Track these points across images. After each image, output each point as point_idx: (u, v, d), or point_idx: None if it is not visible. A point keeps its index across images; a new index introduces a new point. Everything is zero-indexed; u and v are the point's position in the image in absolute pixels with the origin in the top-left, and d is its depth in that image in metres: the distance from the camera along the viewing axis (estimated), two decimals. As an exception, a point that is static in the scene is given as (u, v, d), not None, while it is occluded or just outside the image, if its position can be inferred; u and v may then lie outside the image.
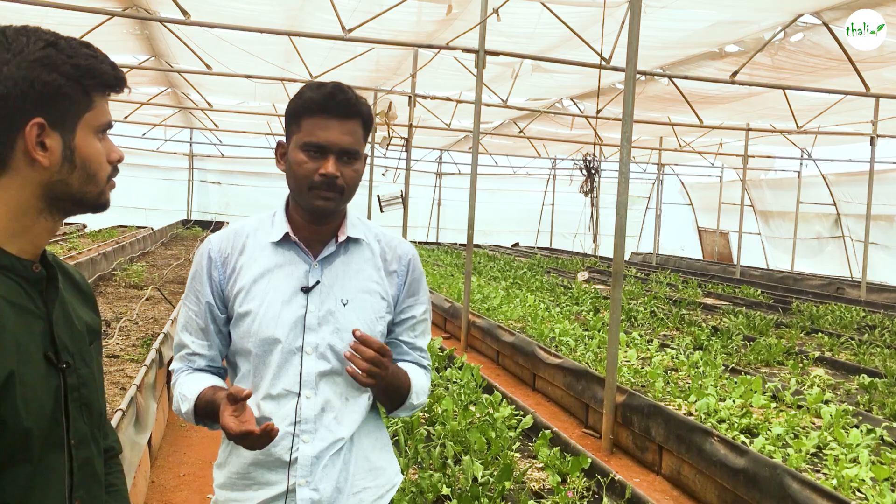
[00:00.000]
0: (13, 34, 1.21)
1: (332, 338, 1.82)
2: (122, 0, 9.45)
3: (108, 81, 1.28)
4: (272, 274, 1.84)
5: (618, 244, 5.89)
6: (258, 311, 1.81)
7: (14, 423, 1.18)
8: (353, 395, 1.86)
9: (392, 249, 1.94)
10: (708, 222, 25.56)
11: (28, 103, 1.19)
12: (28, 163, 1.22)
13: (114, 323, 6.98)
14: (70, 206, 1.29)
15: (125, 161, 1.37)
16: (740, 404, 5.85)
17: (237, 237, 1.90)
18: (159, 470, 5.06)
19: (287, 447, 1.79)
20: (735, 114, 15.45)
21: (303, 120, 1.81)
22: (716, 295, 14.50)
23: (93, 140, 1.27)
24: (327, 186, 1.77)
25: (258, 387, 1.82)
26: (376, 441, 1.93)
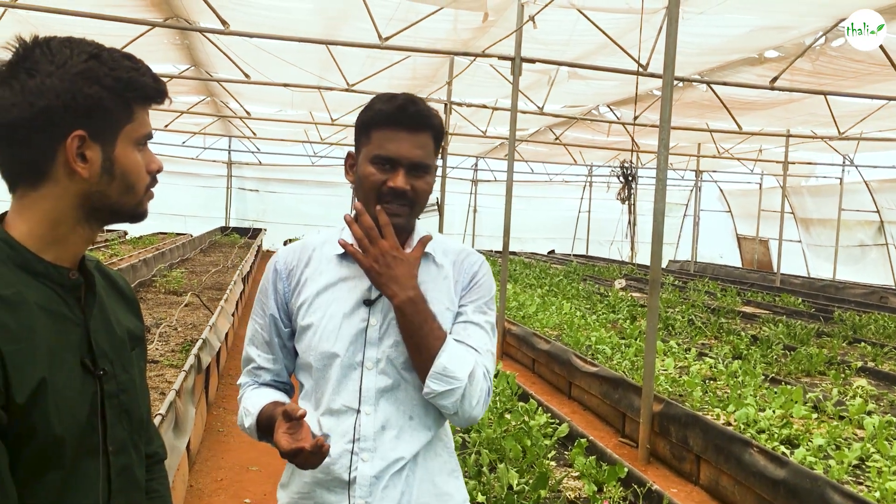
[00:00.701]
0: (57, 46, 1.22)
1: (392, 351, 1.76)
2: (163, 11, 9.62)
3: (149, 94, 1.29)
4: (335, 287, 1.81)
5: (655, 252, 5.84)
6: (319, 324, 1.78)
7: (45, 430, 1.18)
8: (416, 413, 1.78)
9: (460, 262, 1.88)
10: (747, 230, 25.23)
11: (70, 115, 1.20)
12: (68, 174, 1.23)
13: (154, 328, 7.08)
14: (108, 216, 1.30)
15: (165, 169, 1.38)
16: (780, 415, 5.76)
17: (304, 250, 1.88)
18: (197, 474, 5.11)
19: (346, 466, 1.74)
20: (775, 120, 15.24)
21: (373, 132, 1.77)
22: (755, 303, 14.30)
23: (132, 152, 1.28)
24: (396, 199, 1.74)
25: (319, 402, 1.79)
26: (444, 465, 1.85)
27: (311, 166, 25.72)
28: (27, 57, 1.21)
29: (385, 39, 8.82)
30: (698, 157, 21.35)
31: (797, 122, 15.39)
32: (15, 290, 1.19)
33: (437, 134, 1.80)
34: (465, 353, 1.76)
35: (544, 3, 8.19)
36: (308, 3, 9.14)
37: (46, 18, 8.96)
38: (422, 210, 1.81)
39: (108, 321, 1.36)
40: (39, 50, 1.22)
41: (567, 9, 8.58)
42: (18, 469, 1.17)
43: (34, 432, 1.17)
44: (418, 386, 1.76)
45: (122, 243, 17.08)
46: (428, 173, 1.78)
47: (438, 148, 1.83)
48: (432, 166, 1.79)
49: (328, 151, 24.70)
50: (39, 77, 1.19)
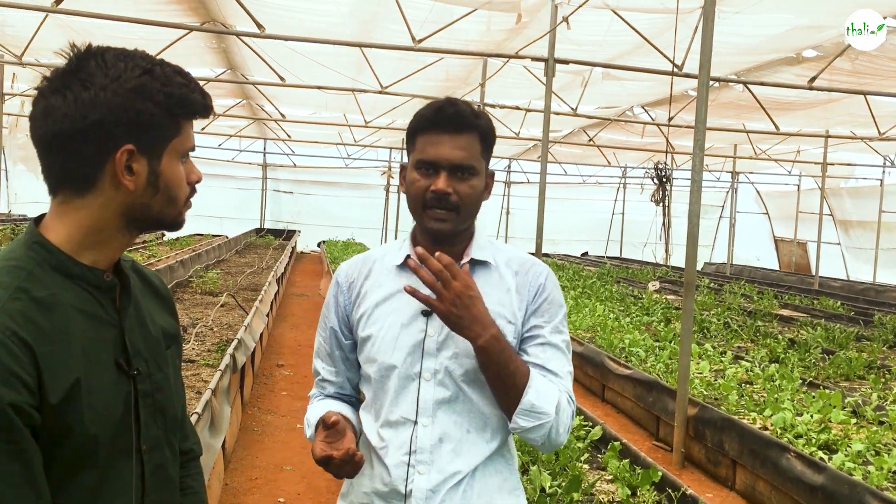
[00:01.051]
0: (112, 59, 1.24)
1: (450, 363, 1.72)
2: (200, 15, 9.74)
3: (197, 110, 1.31)
4: (394, 298, 1.78)
5: (690, 254, 5.79)
6: (377, 336, 1.77)
7: (79, 430, 1.20)
8: (475, 427, 1.74)
9: (524, 272, 1.82)
10: (785, 232, 24.87)
11: (121, 129, 1.22)
12: (114, 185, 1.25)
13: (190, 328, 7.18)
14: (148, 225, 1.33)
15: (203, 172, 1.40)
16: (818, 419, 5.67)
17: (365, 262, 1.87)
18: (232, 473, 5.17)
19: (402, 478, 1.71)
20: (813, 120, 15.02)
21: (417, 138, 1.75)
22: (793, 306, 14.10)
23: (177, 165, 1.30)
24: (439, 204, 1.70)
25: (378, 414, 1.78)
26: (504, 483, 1.78)
27: (345, 168, 25.87)
28: (82, 68, 1.23)
29: (418, 41, 8.85)
30: (735, 159, 21.10)
31: (836, 122, 15.15)
32: (50, 293, 1.21)
33: (485, 134, 1.75)
34: (551, 386, 1.72)
35: (578, 4, 8.15)
36: (342, 7, 9.20)
37: (87, 23, 9.13)
38: (471, 214, 1.76)
39: (142, 321, 1.38)
40: (94, 62, 1.23)
41: (601, 9, 8.53)
42: (53, 469, 1.19)
43: (69, 432, 1.19)
44: (478, 399, 1.73)
45: (160, 244, 17.32)
46: (474, 175, 1.73)
47: (488, 149, 1.78)
48: (479, 168, 1.74)
49: (362, 153, 24.83)
50: (94, 90, 1.21)
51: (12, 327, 1.14)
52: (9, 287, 1.19)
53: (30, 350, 1.15)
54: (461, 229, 1.76)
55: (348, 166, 25.79)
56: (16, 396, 1.12)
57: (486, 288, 1.76)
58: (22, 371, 1.13)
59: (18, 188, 21.34)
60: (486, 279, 1.79)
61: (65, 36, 10.41)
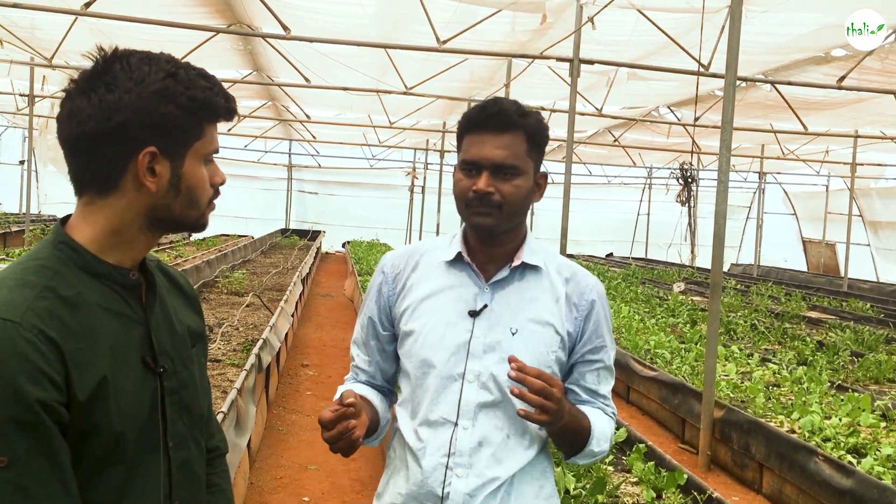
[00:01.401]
0: (137, 62, 1.26)
1: (496, 368, 1.70)
2: (226, 17, 9.82)
3: (220, 113, 1.32)
4: (441, 294, 1.76)
5: (716, 255, 5.74)
6: (421, 332, 1.75)
7: (107, 427, 1.22)
8: (515, 432, 1.72)
9: (576, 282, 1.80)
10: (813, 233, 24.58)
11: (144, 132, 1.24)
12: (136, 186, 1.27)
13: (216, 328, 7.23)
14: (170, 226, 1.34)
15: (228, 173, 1.41)
16: (847, 423, 5.60)
17: (412, 255, 1.85)
18: (257, 472, 5.20)
19: (440, 480, 1.69)
20: (842, 120, 14.83)
21: (464, 138, 1.74)
22: (821, 308, 13.93)
23: (199, 167, 1.32)
24: (480, 202, 1.69)
25: (416, 412, 1.76)
26: (541, 490, 1.77)
27: (370, 169, 25.95)
28: (107, 70, 1.25)
29: (443, 42, 8.85)
30: (762, 159, 20.89)
31: (865, 122, 14.94)
32: (77, 292, 1.23)
33: (532, 133, 1.72)
34: (606, 424, 1.80)
35: (604, 4, 8.11)
36: (367, 8, 9.22)
37: (116, 26, 9.23)
38: (517, 213, 1.73)
39: (168, 319, 1.40)
40: (119, 64, 1.25)
41: (627, 9, 8.48)
42: (81, 465, 1.21)
43: (96, 429, 1.21)
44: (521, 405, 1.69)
45: (187, 245, 17.48)
46: (517, 175, 1.70)
47: (536, 149, 1.75)
48: (523, 168, 1.71)
49: (386, 154, 24.89)
50: (118, 92, 1.23)
51: (39, 325, 1.16)
52: (36, 286, 1.21)
53: (57, 348, 1.17)
54: (506, 227, 1.74)
55: (373, 167, 25.87)
56: (44, 394, 1.14)
57: (536, 293, 1.76)
58: (50, 369, 1.15)
59: (48, 189, 21.64)
60: (536, 284, 1.78)
61: (94, 38, 10.50)
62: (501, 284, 1.76)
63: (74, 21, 9.47)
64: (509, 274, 1.77)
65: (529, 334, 1.74)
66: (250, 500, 4.73)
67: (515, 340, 1.72)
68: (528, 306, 1.76)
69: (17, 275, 1.23)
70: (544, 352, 1.73)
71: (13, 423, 1.12)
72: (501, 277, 1.76)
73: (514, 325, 1.73)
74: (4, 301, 1.18)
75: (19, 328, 1.14)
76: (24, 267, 1.25)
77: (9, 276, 1.24)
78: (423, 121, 18.03)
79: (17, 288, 1.20)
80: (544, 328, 1.74)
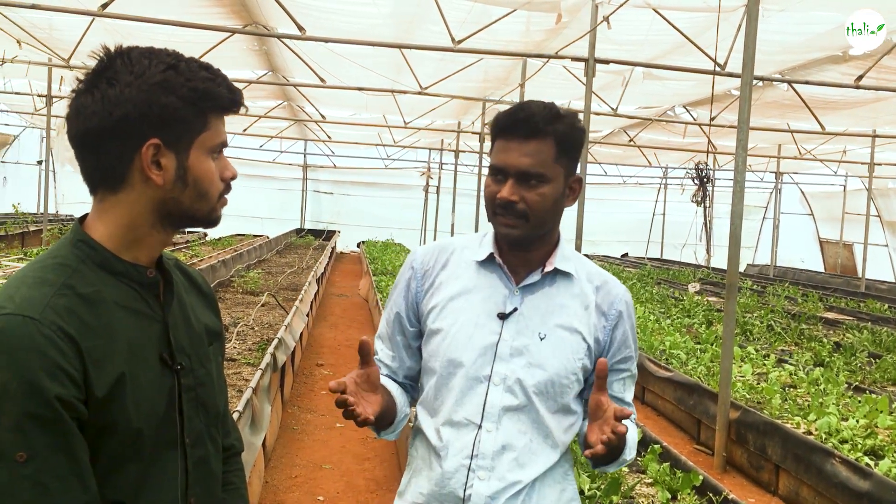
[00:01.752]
0: (137, 57, 1.27)
1: (522, 372, 1.70)
2: (242, 18, 9.85)
3: (224, 104, 1.32)
4: (470, 294, 1.75)
5: (732, 255, 5.71)
6: (449, 331, 1.73)
7: (124, 423, 1.23)
8: (538, 437, 1.72)
9: (606, 291, 1.80)
10: (830, 233, 24.39)
11: (146, 125, 1.25)
12: (143, 180, 1.27)
13: (231, 327, 7.26)
14: (181, 220, 1.34)
15: (243, 172, 1.42)
16: (864, 424, 5.56)
17: (442, 251, 1.84)
18: (272, 471, 5.22)
19: (462, 482, 1.68)
20: (860, 120, 14.71)
21: (494, 143, 1.73)
22: (838, 309, 13.83)
23: (206, 160, 1.31)
24: (505, 211, 1.67)
25: (438, 411, 1.75)
26: (563, 493, 1.77)
27: (385, 169, 25.99)
28: (109, 67, 1.26)
29: (458, 42, 8.85)
30: (778, 159, 20.76)
31: (884, 121, 14.83)
32: (95, 289, 1.25)
33: (562, 139, 1.69)
34: (633, 432, 1.81)
35: (619, 3, 8.09)
36: (382, 8, 9.23)
37: (132, 27, 9.29)
38: (545, 221, 1.71)
39: (186, 317, 1.41)
40: (121, 60, 1.26)
41: (642, 8, 8.45)
42: (99, 461, 1.22)
43: (114, 425, 1.22)
44: (544, 411, 1.71)
45: (203, 244, 17.56)
46: (544, 183, 1.67)
47: (566, 154, 1.71)
48: (549, 175, 1.68)
49: (401, 154, 24.91)
50: (119, 87, 1.24)
51: (58, 322, 1.17)
52: (54, 284, 1.22)
53: (75, 345, 1.18)
54: (535, 236, 1.72)
55: (388, 167, 25.90)
56: (62, 390, 1.15)
57: (565, 299, 1.76)
58: (68, 365, 1.16)
59: (66, 189, 21.79)
60: (566, 290, 1.77)
61: (111, 39, 10.50)
62: (532, 289, 1.76)
63: (92, 22, 9.53)
64: (540, 279, 1.76)
65: (557, 340, 1.73)
66: (265, 499, 4.75)
67: (543, 346, 1.72)
68: (557, 312, 1.75)
69: (36, 273, 1.25)
70: (571, 359, 1.73)
71: (32, 418, 1.13)
72: (532, 282, 1.76)
73: (542, 330, 1.73)
74: (24, 298, 1.19)
75: (38, 325, 1.16)
76: (44, 265, 1.26)
77: (28, 273, 1.25)
78: (438, 121, 18.03)
79: (37, 285, 1.21)
80: (572, 335, 1.74)
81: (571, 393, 1.75)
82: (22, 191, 21.54)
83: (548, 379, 1.70)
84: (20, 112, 19.87)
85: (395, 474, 5.23)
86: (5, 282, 1.27)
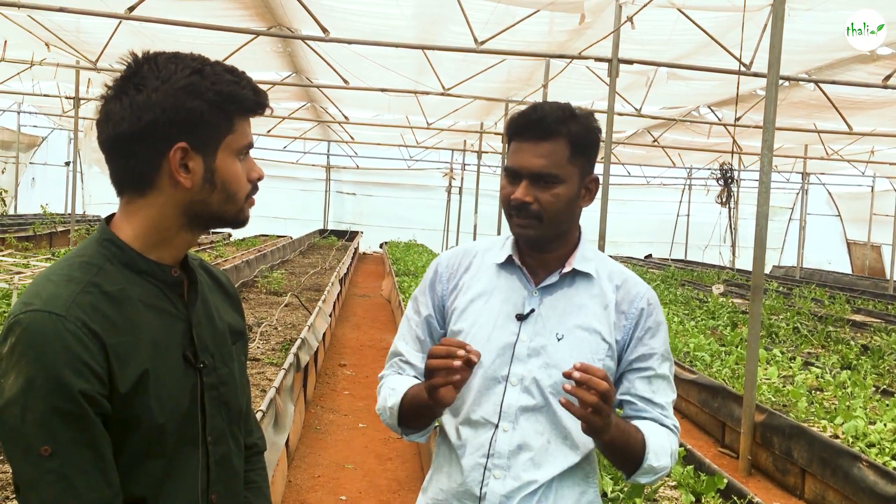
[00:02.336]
0: (163, 62, 1.29)
1: (539, 372, 1.70)
2: (266, 20, 9.92)
3: (249, 106, 1.33)
4: (490, 296, 1.77)
5: (757, 256, 5.65)
6: (469, 332, 1.75)
7: (148, 419, 1.25)
8: (556, 438, 1.71)
9: (626, 290, 1.78)
10: (858, 234, 24.10)
11: (173, 129, 1.26)
12: (172, 183, 1.29)
13: (255, 328, 7.30)
14: (210, 222, 1.35)
15: (267, 173, 1.43)
16: (892, 428, 5.49)
17: (466, 255, 1.86)
18: (295, 470, 5.24)
19: (478, 480, 1.70)
20: (888, 119, 14.52)
21: (510, 144, 1.74)
22: (866, 311, 13.66)
23: (233, 161, 1.33)
24: (519, 213, 1.68)
25: (459, 410, 1.76)
26: (582, 496, 1.76)
27: (407, 170, 26.04)
28: (137, 72, 1.29)
29: (481, 43, 8.85)
30: (805, 159, 20.53)
31: (913, 121, 14.63)
32: (120, 287, 1.27)
33: (575, 139, 1.68)
34: (664, 439, 1.74)
35: (643, 3, 8.04)
36: (405, 9, 9.25)
37: (159, 29, 9.38)
38: (560, 222, 1.71)
39: (210, 316, 1.42)
40: (147, 66, 1.28)
41: (667, 8, 8.40)
42: (122, 456, 1.24)
43: (137, 422, 1.24)
44: (562, 412, 1.69)
45: (227, 245, 17.70)
46: (558, 184, 1.67)
47: (582, 154, 1.71)
48: (563, 175, 1.68)
49: (424, 155, 24.95)
50: (146, 92, 1.26)
51: (83, 319, 1.20)
52: (81, 281, 1.24)
53: (100, 341, 1.20)
54: (551, 235, 1.73)
55: (410, 168, 25.95)
56: (86, 385, 1.17)
57: (584, 299, 1.76)
58: (93, 361, 1.18)
59: (93, 190, 22.06)
60: (586, 291, 1.77)
61: (138, 41, 10.71)
62: (550, 290, 1.76)
63: (119, 24, 9.64)
64: (559, 280, 1.76)
65: (576, 340, 1.73)
66: (289, 498, 4.77)
67: (561, 346, 1.72)
68: (575, 313, 1.75)
69: (63, 270, 1.27)
70: (591, 359, 1.71)
71: (57, 413, 1.15)
72: (551, 283, 1.76)
73: (560, 330, 1.73)
74: (50, 295, 1.21)
75: (64, 321, 1.18)
76: (70, 263, 1.29)
77: (55, 271, 1.27)
78: (461, 121, 18.02)
79: (63, 283, 1.24)
80: (591, 335, 1.73)
81: None
82: (50, 192, 21.84)
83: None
84: (48, 114, 20.13)
85: (418, 474, 5.23)
86: (32, 280, 1.29)
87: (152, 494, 1.28)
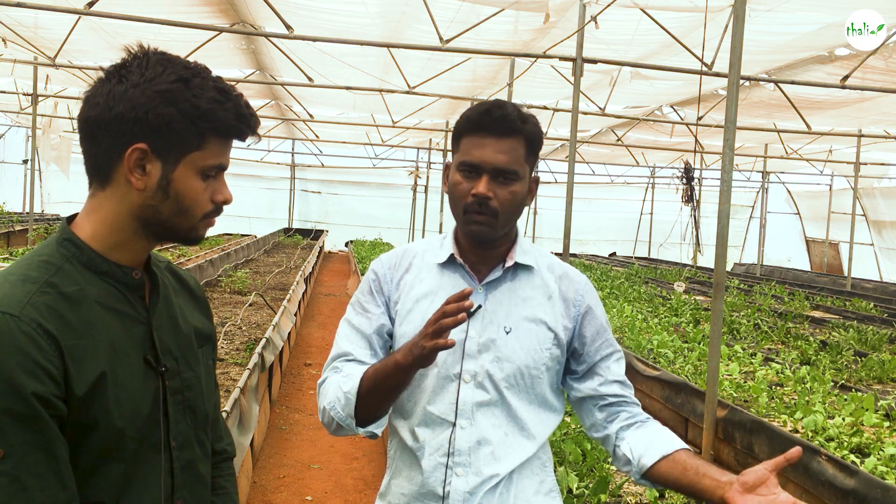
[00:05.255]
0: (155, 61, 1.28)
1: (491, 366, 1.72)
2: (229, 17, 9.82)
3: (223, 129, 1.31)
4: (435, 296, 1.77)
5: (719, 254, 5.72)
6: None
7: (106, 423, 1.23)
8: (513, 430, 1.74)
9: (568, 280, 1.83)
10: (816, 232, 24.55)
11: (137, 127, 1.25)
12: (126, 181, 1.28)
13: (219, 327, 7.24)
14: (161, 232, 1.33)
15: (231, 172, 1.41)
16: (850, 422, 5.59)
17: (405, 256, 1.86)
18: (260, 471, 5.20)
19: (440, 480, 1.70)
20: (846, 119, 14.81)
21: (462, 139, 1.74)
22: (825, 308, 13.91)
23: (192, 178, 1.30)
24: (479, 208, 1.69)
25: (412, 412, 1.76)
26: (541, 485, 1.79)
27: (373, 168, 25.97)
28: (127, 64, 1.28)
29: (446, 42, 8.85)
30: (765, 158, 20.87)
31: (869, 121, 14.93)
32: (78, 288, 1.25)
33: (531, 139, 1.73)
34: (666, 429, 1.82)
35: (607, 3, 8.11)
36: (371, 7, 9.22)
37: (119, 25, 9.24)
38: (511, 219, 1.74)
39: (174, 319, 1.40)
40: (138, 61, 1.28)
41: (630, 8, 8.48)
42: (80, 461, 1.22)
43: (95, 425, 1.22)
44: (517, 403, 1.73)
45: (189, 244, 17.47)
46: (515, 181, 1.70)
47: (533, 154, 1.76)
48: (522, 174, 1.72)
49: (389, 153, 24.91)
50: (126, 85, 1.26)
51: (38, 320, 1.18)
52: (38, 281, 1.22)
53: (55, 342, 1.18)
54: (501, 233, 1.75)
55: (376, 166, 25.89)
56: (40, 387, 1.15)
57: (528, 291, 1.78)
58: (47, 362, 1.16)
59: (51, 188, 21.67)
60: (529, 283, 1.80)
61: (97, 37, 10.55)
62: (494, 285, 1.78)
63: (78, 20, 9.48)
64: (502, 274, 1.79)
65: (523, 332, 1.75)
66: (253, 500, 4.73)
67: (509, 339, 1.74)
68: (521, 305, 1.77)
69: (20, 270, 1.25)
70: (538, 349, 1.75)
71: (9, 415, 1.13)
72: (495, 278, 1.78)
73: (507, 323, 1.75)
74: (5, 295, 1.19)
75: (18, 322, 1.16)
76: (28, 263, 1.27)
77: (12, 271, 1.25)
78: (426, 120, 18.03)
79: (19, 283, 1.22)
80: (538, 326, 1.76)
81: (544, 383, 1.77)
82: (7, 190, 21.41)
83: (516, 371, 1.72)
84: (5, 111, 19.73)
85: (383, 474, 5.22)
86: (-9, 279, 1.27)
87: (112, 499, 1.26)
